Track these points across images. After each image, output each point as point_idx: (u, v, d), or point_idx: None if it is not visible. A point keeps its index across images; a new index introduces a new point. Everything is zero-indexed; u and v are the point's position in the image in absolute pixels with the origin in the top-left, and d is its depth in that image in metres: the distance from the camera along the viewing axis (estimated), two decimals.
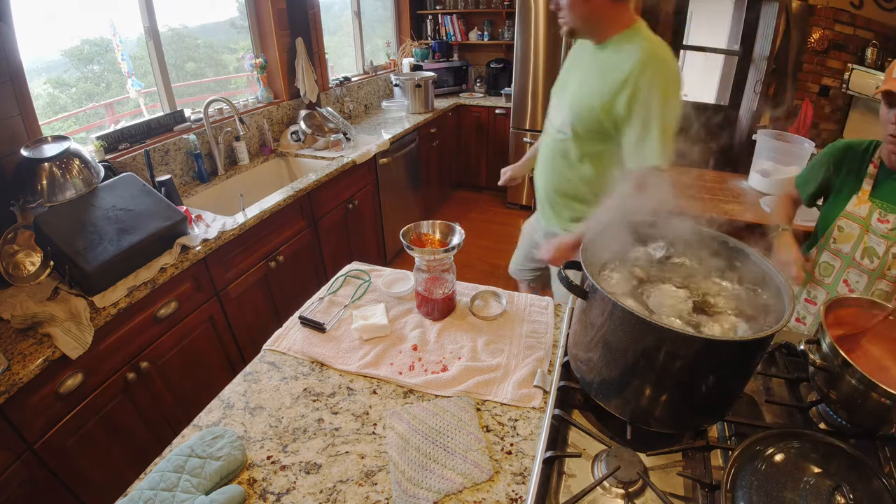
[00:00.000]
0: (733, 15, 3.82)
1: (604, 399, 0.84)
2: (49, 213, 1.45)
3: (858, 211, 1.29)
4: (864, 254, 1.29)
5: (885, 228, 1.25)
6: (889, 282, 1.28)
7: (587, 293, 0.82)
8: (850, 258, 1.31)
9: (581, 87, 1.27)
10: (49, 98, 2.07)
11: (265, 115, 2.77)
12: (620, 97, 1.17)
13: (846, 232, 1.32)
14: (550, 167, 1.42)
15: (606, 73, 1.20)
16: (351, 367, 1.06)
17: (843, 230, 1.32)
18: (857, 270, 1.31)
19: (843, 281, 1.35)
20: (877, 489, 0.66)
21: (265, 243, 2.04)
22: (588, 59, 1.29)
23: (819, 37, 3.38)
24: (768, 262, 0.84)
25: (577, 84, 1.30)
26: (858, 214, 1.29)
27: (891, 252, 1.24)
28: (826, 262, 1.38)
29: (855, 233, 1.30)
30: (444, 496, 0.77)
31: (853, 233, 1.30)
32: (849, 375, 0.78)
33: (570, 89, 1.32)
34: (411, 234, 1.19)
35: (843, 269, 1.34)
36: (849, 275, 1.33)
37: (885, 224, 1.25)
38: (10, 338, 1.27)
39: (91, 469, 1.40)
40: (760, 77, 3.57)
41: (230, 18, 2.82)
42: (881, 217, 1.26)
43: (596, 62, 1.25)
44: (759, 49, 3.60)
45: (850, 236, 1.31)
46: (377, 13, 4.23)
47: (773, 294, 0.80)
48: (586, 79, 1.26)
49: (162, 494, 0.75)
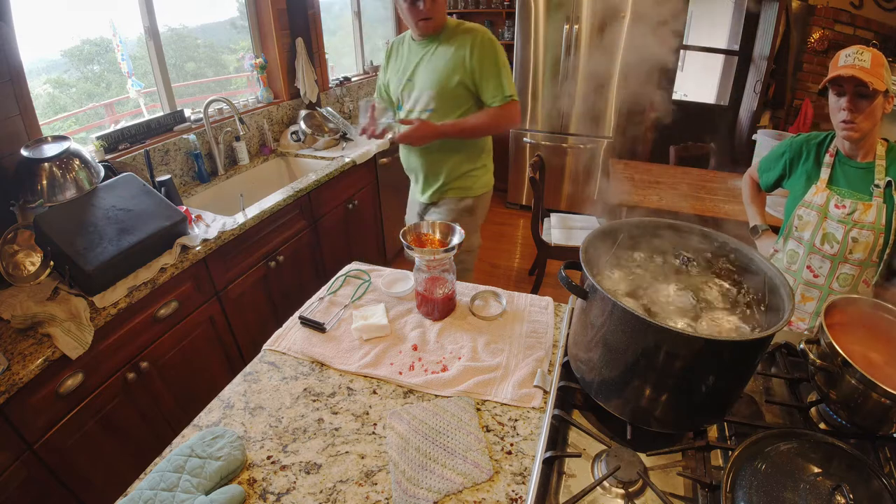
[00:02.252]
0: (733, 15, 3.82)
1: (604, 399, 0.84)
2: (49, 213, 1.45)
3: (816, 199, 1.36)
4: (823, 240, 1.35)
5: (842, 214, 1.31)
6: (853, 265, 1.33)
7: (587, 293, 0.82)
8: (811, 244, 1.38)
9: (437, 69, 1.69)
10: (49, 98, 2.07)
11: (265, 115, 2.77)
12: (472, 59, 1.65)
13: (805, 220, 1.38)
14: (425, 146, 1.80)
15: (455, 50, 1.65)
16: (351, 367, 1.06)
17: (802, 218, 1.39)
18: (818, 256, 1.38)
19: (807, 267, 1.42)
20: (877, 489, 0.66)
21: (265, 243, 2.04)
22: (421, 51, 1.73)
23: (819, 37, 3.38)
24: (768, 262, 0.84)
25: (428, 70, 1.71)
26: (816, 203, 1.36)
27: (849, 236, 1.30)
28: (792, 250, 1.45)
29: (813, 220, 1.36)
30: (444, 496, 0.77)
31: (812, 220, 1.37)
32: (849, 375, 0.78)
33: (420, 77, 1.74)
34: (411, 234, 1.19)
35: (805, 256, 1.41)
36: (812, 261, 1.40)
37: (841, 210, 1.31)
38: (10, 338, 1.27)
39: (91, 469, 1.40)
40: (760, 77, 3.57)
41: (230, 18, 2.82)
42: (838, 203, 1.32)
43: (440, 48, 1.69)
44: (759, 49, 3.61)
45: (809, 224, 1.38)
46: (377, 13, 4.23)
47: (773, 294, 0.80)
48: (438, 62, 1.69)
49: (162, 494, 0.75)
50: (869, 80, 1.14)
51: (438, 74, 1.69)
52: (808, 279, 1.41)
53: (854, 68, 1.17)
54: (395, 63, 1.84)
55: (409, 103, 1.80)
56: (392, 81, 1.86)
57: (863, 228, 1.28)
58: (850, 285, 1.35)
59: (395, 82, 1.83)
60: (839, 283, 1.36)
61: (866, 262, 1.31)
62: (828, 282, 1.38)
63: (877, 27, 3.30)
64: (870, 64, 1.16)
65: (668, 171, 2.85)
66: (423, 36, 1.70)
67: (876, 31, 3.31)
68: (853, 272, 1.33)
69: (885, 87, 1.17)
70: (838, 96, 1.24)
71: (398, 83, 1.81)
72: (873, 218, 1.26)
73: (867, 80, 1.14)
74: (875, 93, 1.17)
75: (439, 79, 1.68)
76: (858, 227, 1.28)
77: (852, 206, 1.29)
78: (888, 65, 1.20)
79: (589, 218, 3.12)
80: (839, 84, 1.22)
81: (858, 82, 1.16)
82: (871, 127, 1.23)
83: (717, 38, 3.92)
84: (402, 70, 1.80)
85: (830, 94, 1.27)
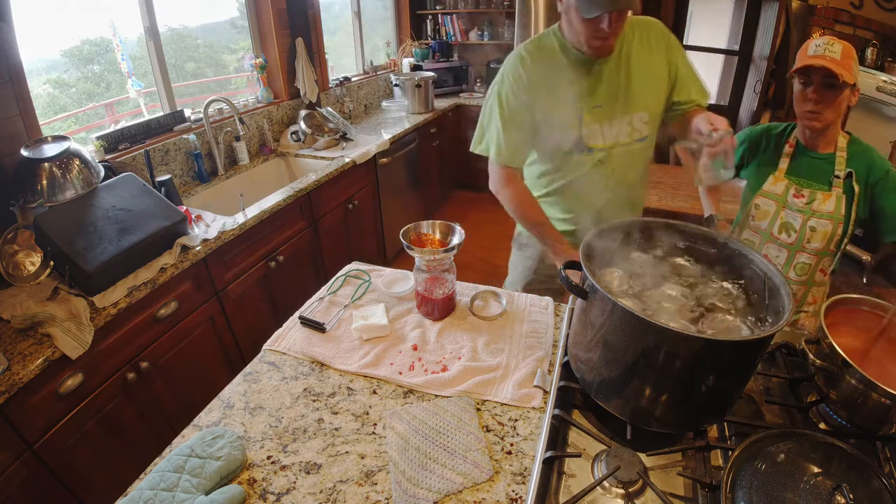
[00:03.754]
0: (733, 15, 3.82)
1: (604, 399, 0.84)
2: (49, 213, 1.45)
3: (774, 189, 1.37)
4: (780, 229, 1.36)
5: (800, 203, 1.32)
6: (810, 254, 1.34)
7: (587, 293, 0.82)
8: (768, 233, 1.39)
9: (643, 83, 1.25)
10: (49, 98, 2.07)
11: (265, 115, 2.77)
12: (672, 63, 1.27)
13: (762, 209, 1.39)
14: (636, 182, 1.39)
15: (652, 55, 1.25)
16: (351, 367, 1.06)
17: (759, 208, 1.40)
18: (775, 245, 1.39)
19: (764, 255, 1.40)
20: (877, 489, 0.66)
21: (265, 243, 2.04)
22: (599, 63, 1.23)
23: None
24: (768, 262, 0.84)
25: (628, 86, 1.25)
26: (774, 192, 1.36)
27: (807, 225, 1.31)
28: (747, 239, 1.45)
29: (771, 210, 1.37)
30: (444, 496, 0.77)
31: (769, 210, 1.38)
32: (849, 375, 0.78)
33: (617, 98, 1.26)
34: (411, 234, 1.19)
35: (761, 245, 1.41)
36: (768, 249, 1.40)
37: (800, 199, 1.32)
38: (10, 338, 1.27)
39: (91, 469, 1.40)
40: (760, 77, 3.57)
41: (230, 18, 2.82)
42: (797, 192, 1.33)
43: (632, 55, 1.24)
44: (759, 49, 3.61)
45: (767, 213, 1.38)
46: (377, 13, 4.23)
47: (773, 294, 0.80)
48: (635, 79, 1.24)
49: (162, 494, 0.75)
50: (840, 71, 1.14)
51: (652, 91, 1.25)
52: None
53: (825, 59, 1.16)
54: (543, 88, 1.24)
55: (599, 138, 1.27)
56: (554, 117, 1.27)
57: (821, 218, 1.29)
58: (807, 274, 1.36)
59: (567, 114, 1.26)
60: (796, 272, 1.37)
61: (823, 251, 1.32)
62: (785, 270, 1.38)
63: (877, 27, 3.30)
64: (840, 56, 1.16)
65: (669, 171, 2.85)
66: (599, 56, 1.20)
67: (876, 31, 3.31)
68: (810, 261, 1.34)
69: (853, 80, 1.17)
70: (804, 86, 1.24)
71: (574, 115, 1.25)
72: (832, 208, 1.28)
73: (838, 71, 1.14)
74: (843, 85, 1.17)
75: (655, 97, 1.26)
76: (817, 216, 1.29)
77: (811, 196, 1.30)
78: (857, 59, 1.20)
79: None
80: (807, 74, 1.22)
81: (827, 73, 1.16)
82: (836, 118, 1.24)
83: (717, 38, 3.91)
84: (576, 95, 1.24)
85: (796, 83, 1.27)
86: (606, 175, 1.31)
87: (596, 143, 1.27)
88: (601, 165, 1.30)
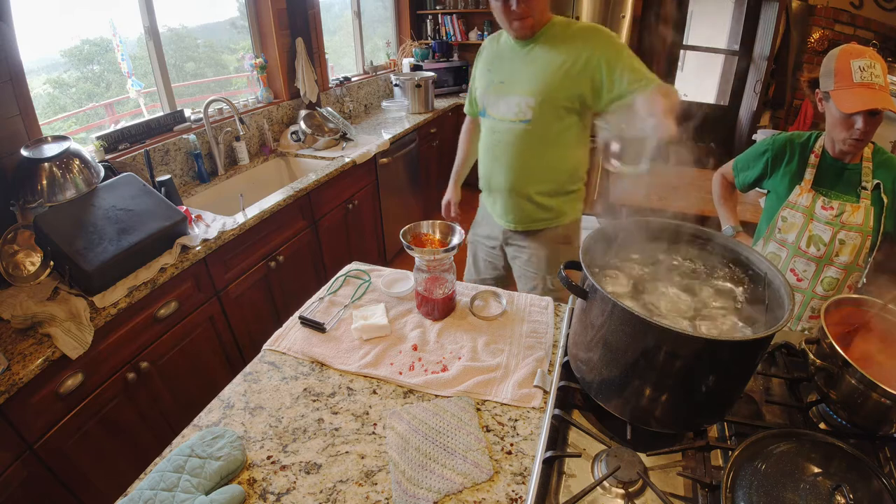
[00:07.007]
0: (733, 15, 3.82)
1: (604, 399, 0.84)
2: (49, 213, 1.45)
3: (801, 201, 1.33)
4: (808, 242, 1.33)
5: (829, 215, 1.29)
6: (838, 268, 1.31)
7: (587, 293, 0.82)
8: (796, 247, 1.35)
9: (542, 74, 1.40)
10: (49, 98, 2.07)
11: (265, 115, 2.77)
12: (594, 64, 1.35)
13: (790, 222, 1.36)
14: (515, 160, 1.51)
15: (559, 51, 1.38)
16: (351, 367, 1.06)
17: (786, 220, 1.36)
18: (803, 259, 1.35)
19: (791, 270, 1.39)
20: (877, 489, 0.66)
21: (265, 243, 2.04)
22: (521, 51, 1.44)
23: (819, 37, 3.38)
24: (768, 262, 0.84)
25: (529, 73, 1.42)
26: (802, 204, 1.33)
27: (837, 238, 1.28)
28: (773, 253, 1.42)
29: (798, 222, 1.34)
30: (444, 496, 0.77)
31: (797, 222, 1.34)
32: (849, 375, 0.78)
33: (518, 81, 1.45)
34: (411, 234, 1.19)
35: (789, 259, 1.38)
36: (795, 264, 1.37)
37: (829, 211, 1.29)
38: (10, 338, 1.27)
39: (91, 469, 1.40)
40: (760, 77, 3.57)
41: (230, 18, 2.82)
42: (825, 205, 1.30)
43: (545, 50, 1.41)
44: (759, 49, 3.61)
45: (794, 226, 1.35)
46: (377, 13, 4.23)
47: (773, 294, 0.80)
48: (542, 66, 1.40)
49: (162, 494, 0.75)
50: (894, 108, 1.10)
51: (545, 81, 1.39)
52: (790, 283, 1.38)
53: (873, 88, 1.10)
54: (485, 62, 1.57)
55: (496, 109, 1.50)
56: (479, 82, 1.59)
57: (850, 230, 1.26)
58: (834, 289, 1.33)
59: (483, 84, 1.55)
60: (823, 287, 1.34)
61: (851, 265, 1.29)
62: (811, 285, 1.36)
63: (877, 27, 3.30)
64: (883, 80, 1.11)
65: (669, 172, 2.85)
66: (521, 38, 1.42)
67: (876, 31, 3.31)
68: (838, 276, 1.31)
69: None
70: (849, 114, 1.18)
71: (486, 85, 1.53)
72: (861, 220, 1.25)
73: (894, 109, 1.10)
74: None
75: (546, 86, 1.39)
76: (846, 228, 1.27)
77: (840, 208, 1.27)
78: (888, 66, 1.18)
79: (589, 218, 3.10)
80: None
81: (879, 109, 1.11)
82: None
83: (717, 38, 3.91)
84: (494, 70, 1.51)
85: (832, 104, 1.20)
86: (495, 144, 1.55)
87: (493, 113, 1.53)
88: (494, 133, 1.54)
